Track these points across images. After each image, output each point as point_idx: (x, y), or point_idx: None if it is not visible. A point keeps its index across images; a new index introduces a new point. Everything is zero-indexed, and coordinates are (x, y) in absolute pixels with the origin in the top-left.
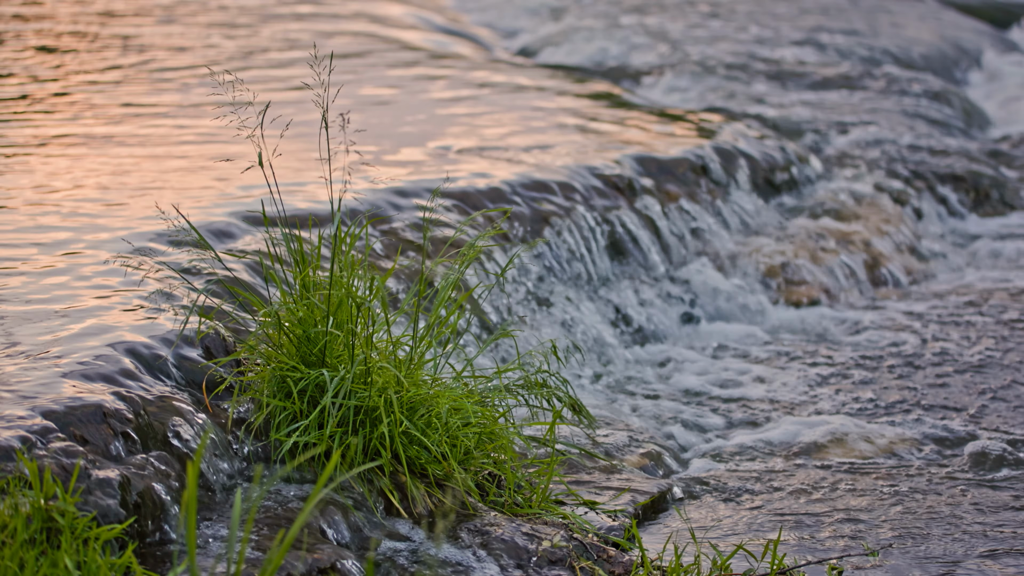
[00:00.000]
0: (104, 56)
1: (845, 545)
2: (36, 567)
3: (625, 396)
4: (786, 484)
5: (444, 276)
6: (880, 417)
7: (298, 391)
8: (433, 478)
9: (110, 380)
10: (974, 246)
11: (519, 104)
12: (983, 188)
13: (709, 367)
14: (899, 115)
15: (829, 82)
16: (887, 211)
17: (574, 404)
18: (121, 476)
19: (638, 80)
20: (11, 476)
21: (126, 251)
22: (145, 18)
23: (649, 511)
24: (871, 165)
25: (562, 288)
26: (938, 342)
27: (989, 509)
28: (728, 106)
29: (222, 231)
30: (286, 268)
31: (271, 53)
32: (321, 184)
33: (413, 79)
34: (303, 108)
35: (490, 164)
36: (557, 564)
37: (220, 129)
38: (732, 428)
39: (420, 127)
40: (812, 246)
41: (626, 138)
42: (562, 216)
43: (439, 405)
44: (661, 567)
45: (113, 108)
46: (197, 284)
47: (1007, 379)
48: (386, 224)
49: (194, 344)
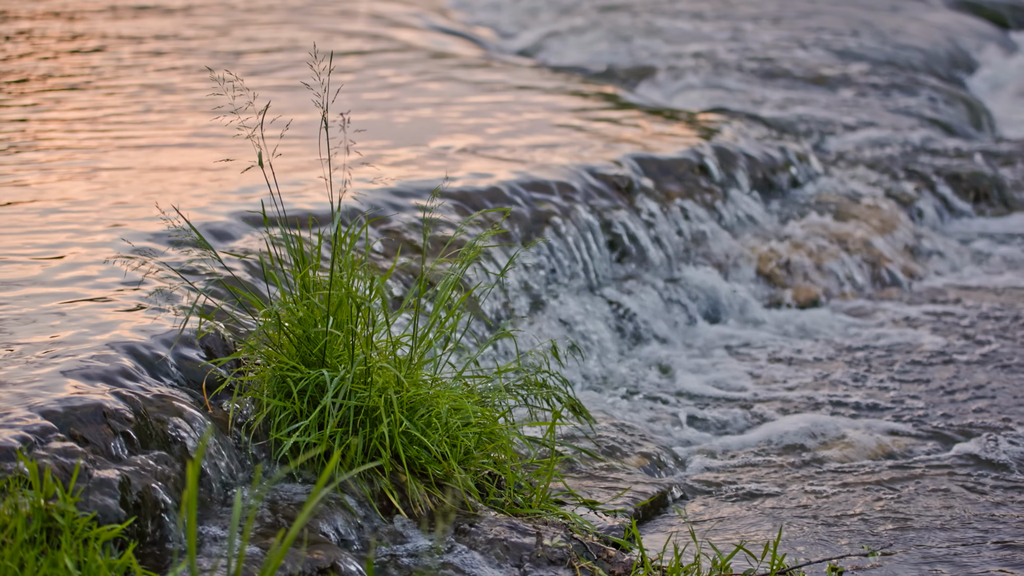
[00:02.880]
0: (104, 56)
1: (845, 545)
2: (36, 567)
3: (625, 396)
4: (786, 484)
5: (444, 276)
6: (880, 417)
7: (298, 391)
8: (433, 478)
9: (110, 380)
10: (974, 246)
11: (519, 104)
12: (983, 188)
13: (708, 367)
14: (899, 115)
15: (829, 82)
16: (887, 211)
17: (574, 404)
18: (121, 476)
19: (638, 80)
20: (11, 476)
21: (126, 251)
22: (145, 18)
23: (649, 511)
24: (871, 165)
25: (561, 288)
26: (938, 342)
27: (989, 508)
28: (728, 106)
29: (222, 231)
30: (286, 268)
31: (271, 53)
32: (321, 184)
33: (413, 79)
34: (303, 108)
35: (490, 164)
36: (557, 564)
37: (220, 129)
38: (731, 428)
39: (420, 127)
40: (812, 246)
41: (626, 138)
42: (562, 216)
43: (439, 405)
44: (661, 567)
45: (113, 108)
46: (197, 284)
47: (1007, 378)
48: (386, 224)
49: (194, 344)
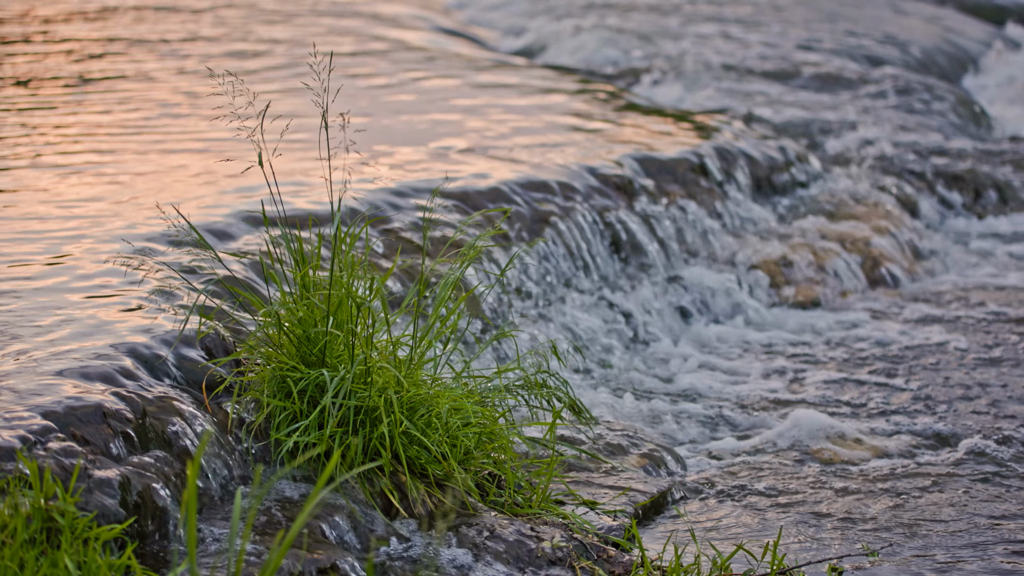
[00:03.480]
0: (103, 55)
1: (845, 545)
2: (36, 567)
3: (624, 396)
4: (786, 484)
5: (444, 276)
6: (880, 417)
7: (298, 391)
8: (433, 478)
9: (110, 380)
10: (974, 246)
11: (519, 104)
12: (983, 188)
13: (708, 367)
14: (899, 115)
15: (829, 82)
16: (886, 211)
17: (574, 404)
18: (121, 476)
19: (638, 80)
20: (11, 476)
21: (126, 251)
22: (145, 17)
23: (649, 511)
24: (871, 165)
25: (561, 288)
26: (938, 342)
27: (989, 508)
28: (728, 106)
29: (222, 231)
30: (286, 268)
31: (271, 53)
32: (321, 184)
33: (413, 79)
34: (303, 108)
35: (490, 164)
36: (557, 564)
37: (220, 129)
38: (731, 428)
39: (420, 127)
40: (811, 246)
41: (626, 138)
42: (562, 216)
43: (439, 405)
44: (661, 567)
45: (112, 108)
46: (197, 284)
47: (1007, 378)
48: (386, 224)
49: (194, 344)
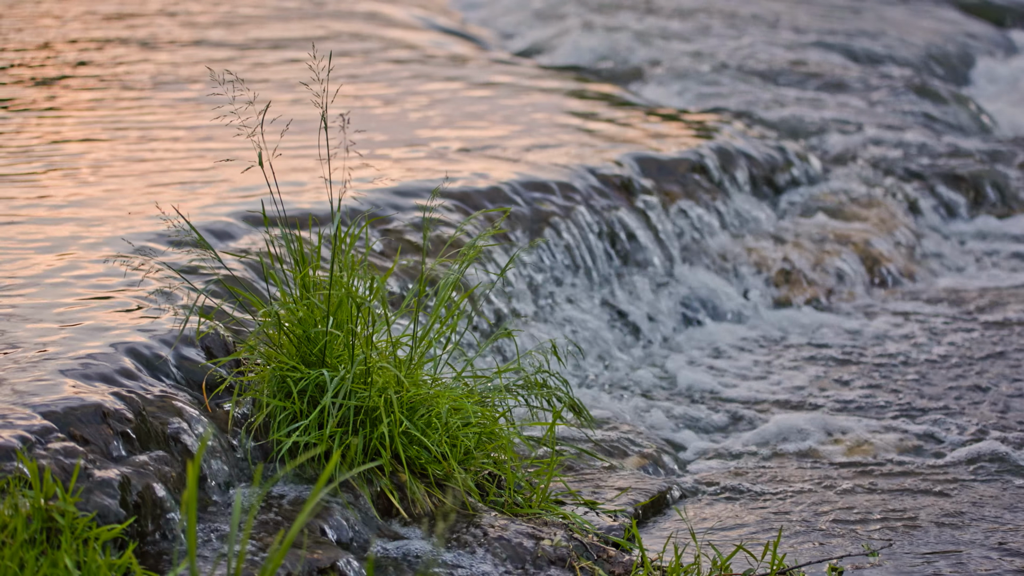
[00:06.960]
0: (102, 55)
1: (845, 545)
2: (36, 567)
3: (624, 396)
4: (786, 484)
5: (444, 276)
6: (879, 417)
7: (298, 391)
8: (433, 478)
9: (110, 380)
10: (974, 246)
11: (519, 104)
12: (983, 188)
13: (708, 367)
14: (899, 115)
15: (829, 82)
16: (887, 211)
17: (574, 404)
18: (121, 476)
19: (638, 80)
20: (11, 476)
21: (126, 251)
22: (144, 17)
23: (649, 511)
24: (871, 165)
25: (561, 288)
26: (938, 342)
27: (989, 508)
28: (728, 106)
29: (222, 231)
30: (286, 268)
31: (270, 53)
32: (321, 184)
33: (413, 79)
34: (303, 108)
35: (490, 164)
36: (557, 564)
37: (220, 129)
38: (731, 428)
39: (420, 127)
40: (811, 246)
41: (626, 138)
42: (562, 216)
43: (439, 405)
44: (661, 567)
45: (112, 108)
46: (197, 284)
47: (1007, 379)
48: (386, 224)
49: (194, 344)
